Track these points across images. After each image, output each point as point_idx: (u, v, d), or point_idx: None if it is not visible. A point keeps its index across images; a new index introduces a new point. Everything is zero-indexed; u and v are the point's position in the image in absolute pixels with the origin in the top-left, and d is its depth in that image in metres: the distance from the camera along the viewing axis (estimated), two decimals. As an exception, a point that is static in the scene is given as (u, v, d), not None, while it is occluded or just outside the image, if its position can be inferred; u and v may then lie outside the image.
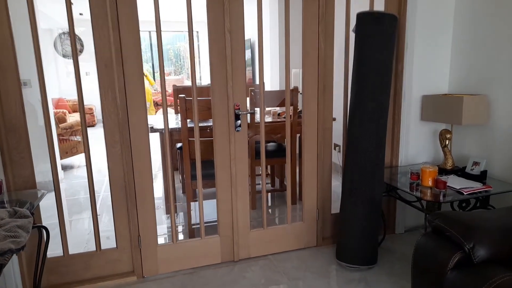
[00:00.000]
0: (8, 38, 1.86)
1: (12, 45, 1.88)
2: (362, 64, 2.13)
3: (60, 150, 4.52)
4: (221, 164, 2.28)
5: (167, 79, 10.83)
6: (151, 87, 9.14)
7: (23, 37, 3.60)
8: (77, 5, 6.76)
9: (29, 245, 2.04)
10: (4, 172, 1.95)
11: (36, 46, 1.94)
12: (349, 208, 2.25)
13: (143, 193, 2.19)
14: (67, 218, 3.32)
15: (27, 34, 3.60)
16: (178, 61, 11.59)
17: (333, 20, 2.32)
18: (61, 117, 5.19)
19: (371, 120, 2.14)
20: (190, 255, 2.34)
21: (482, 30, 2.34)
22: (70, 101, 7.60)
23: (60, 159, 4.56)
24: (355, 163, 2.20)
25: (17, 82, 1.92)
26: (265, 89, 4.34)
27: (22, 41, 3.59)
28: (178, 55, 11.53)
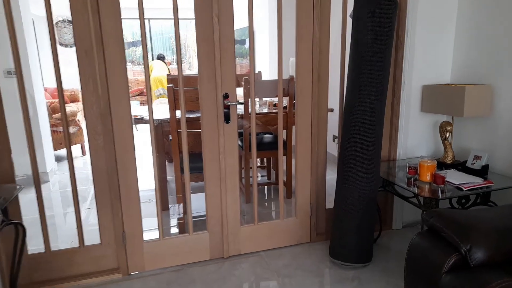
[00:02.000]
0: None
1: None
2: (359, 51, 2.01)
3: (53, 140, 4.44)
4: (209, 157, 2.18)
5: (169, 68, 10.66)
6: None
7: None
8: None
9: (8, 242, 1.96)
10: (-20, 165, 1.86)
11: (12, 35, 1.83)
12: (342, 203, 2.15)
13: (127, 187, 2.10)
14: (59, 211, 3.25)
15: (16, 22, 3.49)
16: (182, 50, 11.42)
17: (329, 4, 2.19)
18: (56, 107, 5.10)
19: (367, 111, 2.02)
20: (177, 252, 2.26)
21: (488, 16, 2.20)
22: (68, 90, 7.50)
23: (54, 150, 4.48)
24: (350, 157, 2.09)
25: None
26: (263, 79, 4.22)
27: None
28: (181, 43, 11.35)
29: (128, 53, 11.58)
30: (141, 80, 9.18)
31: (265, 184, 3.63)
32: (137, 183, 2.12)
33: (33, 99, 3.68)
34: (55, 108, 5.08)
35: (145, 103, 7.91)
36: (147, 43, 10.62)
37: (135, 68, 11.19)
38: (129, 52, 11.62)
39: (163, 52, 8.77)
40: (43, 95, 4.11)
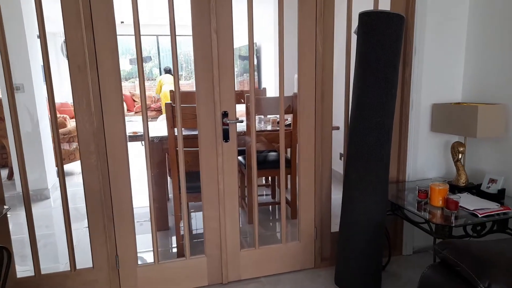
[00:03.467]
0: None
1: (-24, 46, 1.72)
2: (364, 69, 1.91)
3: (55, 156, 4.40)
4: (207, 177, 2.08)
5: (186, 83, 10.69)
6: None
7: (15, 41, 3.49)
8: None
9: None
10: (-33, 184, 1.79)
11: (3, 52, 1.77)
12: (348, 227, 2.02)
13: (121, 208, 2.00)
14: (58, 229, 3.16)
15: (19, 37, 3.50)
16: (189, 65, 11.50)
17: (332, 20, 2.11)
18: (61, 122, 5.08)
19: (374, 131, 1.91)
20: (173, 277, 2.14)
21: (500, 31, 2.10)
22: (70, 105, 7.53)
23: (56, 165, 4.43)
24: (356, 179, 1.98)
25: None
26: (268, 95, 4.14)
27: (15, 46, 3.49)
28: (188, 60, 11.45)
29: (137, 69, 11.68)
30: (148, 96, 9.20)
31: (269, 204, 3.51)
32: (131, 204, 2.02)
33: (33, 115, 3.64)
34: (60, 123, 5.06)
35: (152, 119, 7.90)
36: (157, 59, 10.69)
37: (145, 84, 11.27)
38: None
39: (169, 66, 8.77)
40: (46, 110, 4.09)
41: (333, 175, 4.02)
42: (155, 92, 8.49)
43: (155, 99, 9.20)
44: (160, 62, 10.35)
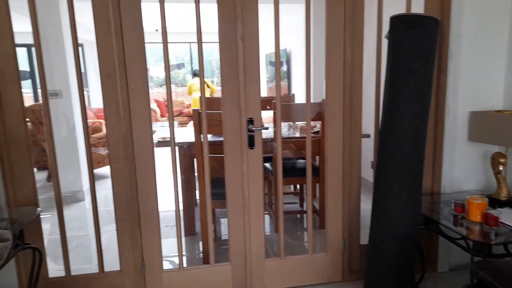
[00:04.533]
0: (11, 51, 1.79)
1: (14, 56, 1.80)
2: (395, 75, 1.83)
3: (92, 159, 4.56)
4: (232, 184, 2.06)
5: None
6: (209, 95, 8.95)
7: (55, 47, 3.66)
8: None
9: (27, 266, 1.94)
10: (4, 186, 1.87)
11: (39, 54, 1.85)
12: (378, 240, 1.93)
13: (147, 213, 2.03)
14: (92, 230, 3.26)
15: (58, 45, 3.67)
16: (221, 72, 11.65)
17: (362, 24, 2.05)
18: (97, 127, 5.28)
19: (406, 139, 1.82)
20: (198, 283, 2.13)
21: (547, 33, 1.94)
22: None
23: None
24: (386, 189, 1.89)
25: (18, 93, 1.84)
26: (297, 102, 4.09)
27: (54, 53, 3.66)
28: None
29: (171, 75, 12.00)
30: (180, 102, 9.40)
31: (296, 212, 3.45)
32: (157, 210, 2.04)
33: (69, 120, 3.80)
34: (96, 128, 5.26)
35: (183, 124, 8.05)
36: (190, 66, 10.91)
37: (177, 90, 11.55)
38: (172, 74, 12.05)
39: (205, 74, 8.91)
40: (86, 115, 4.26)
41: (363, 184, 3.90)
42: (187, 93, 8.66)
43: (188, 105, 9.37)
44: (192, 69, 10.55)
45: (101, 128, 5.21)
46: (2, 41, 1.78)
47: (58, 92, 3.75)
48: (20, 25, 2.52)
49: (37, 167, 5.16)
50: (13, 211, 1.84)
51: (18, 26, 2.66)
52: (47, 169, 5.11)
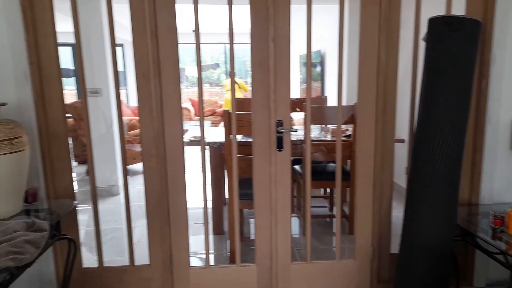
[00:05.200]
0: (53, 51, 1.89)
1: (57, 56, 1.90)
2: (432, 79, 1.76)
3: (127, 156, 4.73)
4: (259, 186, 2.07)
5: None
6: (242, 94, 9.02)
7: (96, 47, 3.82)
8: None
9: (63, 255, 2.04)
10: (45, 180, 1.98)
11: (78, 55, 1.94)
12: (409, 250, 1.87)
13: (176, 210, 2.07)
14: (123, 225, 3.38)
15: (99, 45, 3.83)
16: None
17: (398, 26, 1.98)
18: (133, 124, 5.47)
19: (442, 146, 1.75)
20: (223, 283, 2.16)
21: None
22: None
23: (127, 164, 4.76)
24: (419, 198, 1.82)
25: (60, 91, 1.94)
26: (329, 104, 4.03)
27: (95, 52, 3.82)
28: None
29: (206, 75, 12.21)
30: (214, 101, 9.52)
31: (325, 216, 3.40)
32: (186, 208, 2.08)
33: (107, 117, 3.95)
34: (133, 125, 5.45)
35: (216, 124, 8.15)
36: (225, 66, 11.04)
37: (212, 89, 11.73)
38: (207, 74, 12.25)
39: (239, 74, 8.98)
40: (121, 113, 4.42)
41: (397, 191, 3.77)
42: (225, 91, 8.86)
43: (221, 105, 9.48)
44: (227, 69, 10.67)
45: (138, 126, 5.39)
46: (46, 41, 1.88)
47: (97, 90, 3.92)
48: (64, 25, 2.65)
49: (78, 161, 5.42)
50: (52, 203, 1.95)
51: (63, 26, 2.80)
52: (87, 163, 5.36)
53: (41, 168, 1.96)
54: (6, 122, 1.61)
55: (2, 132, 1.55)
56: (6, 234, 1.35)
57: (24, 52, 1.85)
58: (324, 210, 3.55)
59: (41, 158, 1.95)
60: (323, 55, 5.75)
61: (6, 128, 1.59)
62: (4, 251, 1.24)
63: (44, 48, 1.89)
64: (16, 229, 1.40)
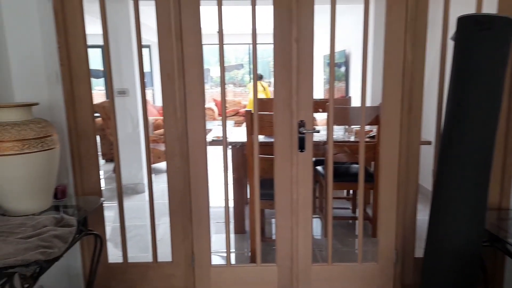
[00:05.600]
0: (83, 52, 1.96)
1: (86, 57, 1.97)
2: (461, 79, 1.71)
3: (153, 154, 4.83)
4: (280, 186, 2.07)
5: (270, 89, 10.97)
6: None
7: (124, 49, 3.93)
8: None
9: (90, 250, 2.11)
10: (74, 177, 2.05)
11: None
12: (434, 254, 1.81)
13: (198, 209, 2.10)
14: (147, 222, 3.46)
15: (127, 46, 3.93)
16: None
17: (425, 25, 1.93)
18: (159, 124, 5.58)
19: (470, 148, 1.69)
20: (244, 282, 2.17)
21: None
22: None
23: (153, 163, 4.87)
24: (446, 201, 1.76)
25: (88, 91, 2.00)
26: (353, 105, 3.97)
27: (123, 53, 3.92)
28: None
29: (230, 76, 12.30)
30: (237, 101, 9.58)
31: (348, 218, 3.35)
32: (208, 207, 2.11)
33: (133, 117, 4.05)
34: (158, 125, 5.56)
35: (239, 124, 8.20)
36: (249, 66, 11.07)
37: (236, 90, 11.80)
38: (231, 75, 12.34)
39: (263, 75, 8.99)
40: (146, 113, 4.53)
41: (423, 194, 3.68)
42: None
43: (244, 105, 9.53)
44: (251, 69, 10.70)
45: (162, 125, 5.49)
46: (76, 43, 1.95)
47: (125, 90, 4.02)
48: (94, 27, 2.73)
49: (105, 159, 5.58)
50: (80, 199, 2.02)
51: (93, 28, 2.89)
52: (114, 161, 5.51)
53: (70, 165, 2.03)
54: (38, 121, 1.68)
55: (34, 131, 1.62)
56: (36, 229, 1.41)
57: (55, 54, 1.93)
58: (347, 211, 3.51)
59: (70, 156, 2.02)
60: (348, 55, 5.68)
61: (38, 127, 1.65)
62: (34, 245, 1.30)
63: (74, 50, 1.96)
64: (46, 224, 1.46)
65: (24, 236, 1.36)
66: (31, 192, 1.66)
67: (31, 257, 1.24)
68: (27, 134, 1.60)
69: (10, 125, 1.59)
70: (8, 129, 1.58)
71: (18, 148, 1.58)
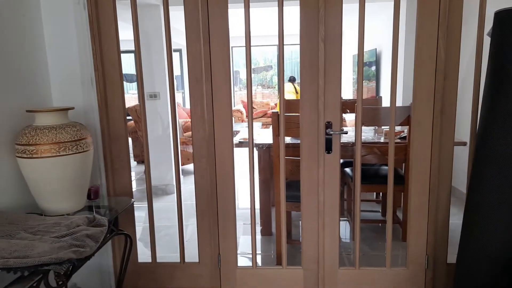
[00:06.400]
0: (116, 57, 2.02)
1: (119, 62, 2.03)
2: (499, 78, 1.62)
3: (181, 156, 4.93)
4: (307, 188, 2.05)
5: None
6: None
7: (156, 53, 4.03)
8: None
9: (121, 249, 2.17)
10: (106, 178, 2.13)
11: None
12: (467, 262, 1.74)
13: (225, 211, 2.12)
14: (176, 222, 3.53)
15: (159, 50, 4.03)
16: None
17: (460, 21, 1.86)
18: (189, 126, 5.68)
19: (506, 151, 1.60)
20: (270, 284, 2.17)
21: None
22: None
23: (182, 165, 4.97)
24: (481, 204, 1.68)
25: (121, 95, 2.07)
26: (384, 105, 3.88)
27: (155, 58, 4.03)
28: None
29: (259, 77, 12.34)
30: (266, 103, 9.58)
31: (377, 222, 3.27)
32: (234, 208, 2.12)
33: (164, 119, 4.15)
34: (188, 127, 5.67)
35: (267, 125, 8.20)
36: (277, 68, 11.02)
37: (264, 91, 11.82)
38: (260, 76, 12.37)
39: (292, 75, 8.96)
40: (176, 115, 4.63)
41: (458, 197, 3.53)
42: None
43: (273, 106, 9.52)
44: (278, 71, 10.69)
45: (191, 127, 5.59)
46: (110, 49, 2.02)
47: (156, 94, 4.13)
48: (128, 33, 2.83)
49: (137, 160, 5.75)
50: (112, 200, 2.09)
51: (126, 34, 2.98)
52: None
53: (103, 167, 2.11)
54: (73, 125, 1.76)
55: (69, 134, 1.69)
56: (70, 228, 1.47)
57: (90, 59, 2.01)
58: (376, 215, 3.42)
59: (103, 158, 2.10)
60: (378, 54, 5.55)
61: (73, 130, 1.73)
62: (67, 244, 1.36)
63: (108, 55, 2.03)
64: (79, 224, 1.52)
65: (59, 235, 1.42)
66: (66, 192, 1.73)
67: (64, 255, 1.29)
68: (63, 137, 1.67)
69: (47, 128, 1.67)
70: (46, 132, 1.65)
71: (55, 150, 1.65)
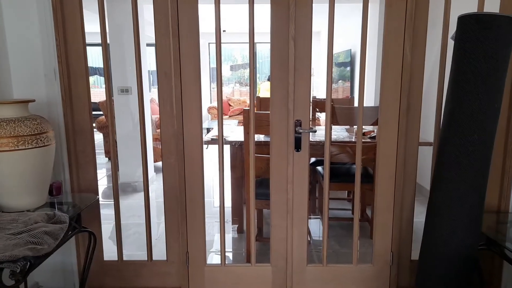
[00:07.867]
0: (81, 49, 1.96)
1: (85, 55, 1.97)
2: (461, 79, 1.68)
3: (154, 153, 4.84)
4: (276, 186, 2.05)
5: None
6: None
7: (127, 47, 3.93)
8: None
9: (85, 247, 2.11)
10: (70, 173, 2.06)
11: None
12: (429, 258, 1.79)
13: (193, 208, 2.10)
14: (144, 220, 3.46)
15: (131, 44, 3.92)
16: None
17: (425, 24, 1.91)
18: (162, 122, 5.58)
19: (467, 149, 1.66)
20: (238, 281, 2.16)
21: None
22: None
23: (155, 161, 4.88)
24: (441, 203, 1.74)
25: (86, 88, 2.00)
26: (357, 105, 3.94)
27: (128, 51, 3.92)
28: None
29: (237, 75, 12.30)
30: (243, 101, 9.57)
31: (347, 219, 3.32)
32: (203, 205, 2.10)
33: (134, 115, 4.06)
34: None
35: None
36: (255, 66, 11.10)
37: (242, 89, 11.79)
38: (238, 74, 12.33)
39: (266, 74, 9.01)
40: (149, 112, 4.54)
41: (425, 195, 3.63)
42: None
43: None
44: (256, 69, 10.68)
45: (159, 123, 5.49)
46: (74, 40, 1.95)
47: (128, 89, 4.03)
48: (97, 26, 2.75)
49: (108, 157, 5.60)
50: (76, 196, 2.02)
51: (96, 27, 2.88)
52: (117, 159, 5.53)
53: (67, 162, 2.04)
54: (33, 118, 1.69)
55: (29, 128, 1.62)
56: (28, 225, 1.42)
57: (53, 51, 1.93)
58: (348, 213, 3.48)
59: (67, 153, 2.03)
60: (353, 55, 5.64)
61: (33, 123, 1.66)
62: (23, 241, 1.30)
63: (73, 47, 1.96)
64: (38, 221, 1.46)
65: (15, 232, 1.36)
66: (25, 188, 1.66)
67: (19, 253, 1.24)
68: (22, 131, 1.61)
69: (5, 121, 1.60)
70: (4, 126, 1.58)
71: (13, 144, 1.58)
